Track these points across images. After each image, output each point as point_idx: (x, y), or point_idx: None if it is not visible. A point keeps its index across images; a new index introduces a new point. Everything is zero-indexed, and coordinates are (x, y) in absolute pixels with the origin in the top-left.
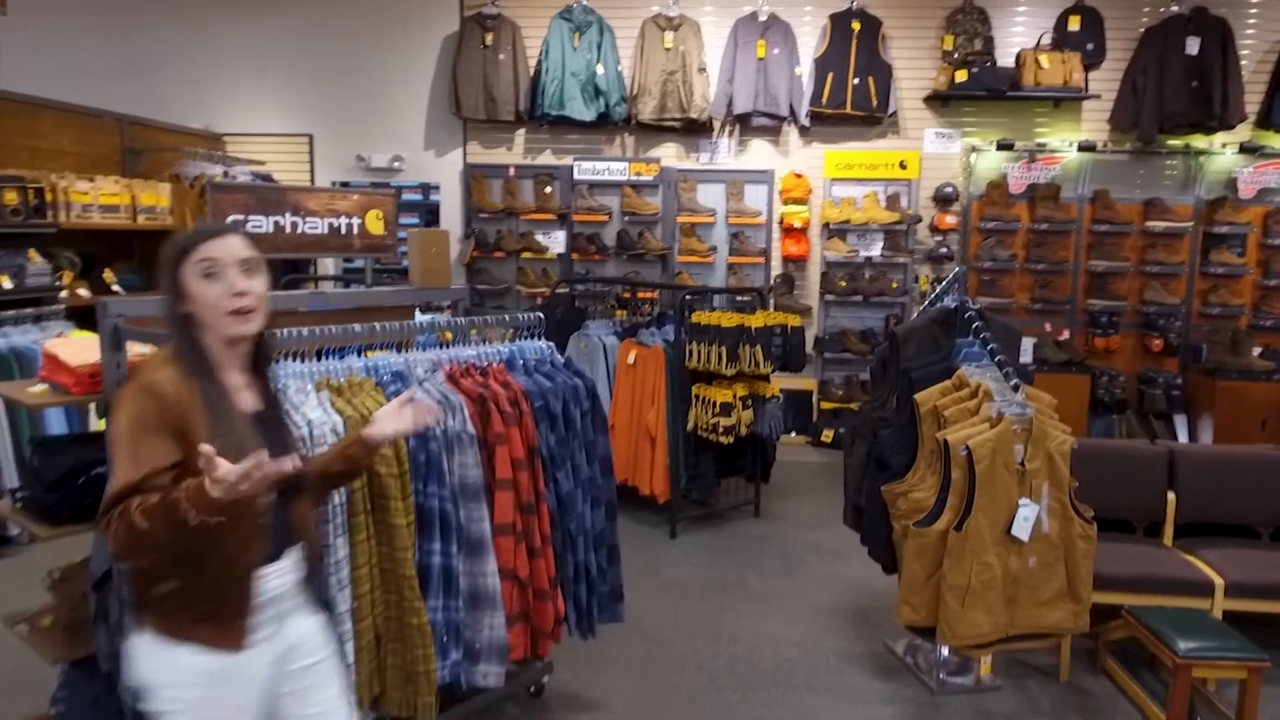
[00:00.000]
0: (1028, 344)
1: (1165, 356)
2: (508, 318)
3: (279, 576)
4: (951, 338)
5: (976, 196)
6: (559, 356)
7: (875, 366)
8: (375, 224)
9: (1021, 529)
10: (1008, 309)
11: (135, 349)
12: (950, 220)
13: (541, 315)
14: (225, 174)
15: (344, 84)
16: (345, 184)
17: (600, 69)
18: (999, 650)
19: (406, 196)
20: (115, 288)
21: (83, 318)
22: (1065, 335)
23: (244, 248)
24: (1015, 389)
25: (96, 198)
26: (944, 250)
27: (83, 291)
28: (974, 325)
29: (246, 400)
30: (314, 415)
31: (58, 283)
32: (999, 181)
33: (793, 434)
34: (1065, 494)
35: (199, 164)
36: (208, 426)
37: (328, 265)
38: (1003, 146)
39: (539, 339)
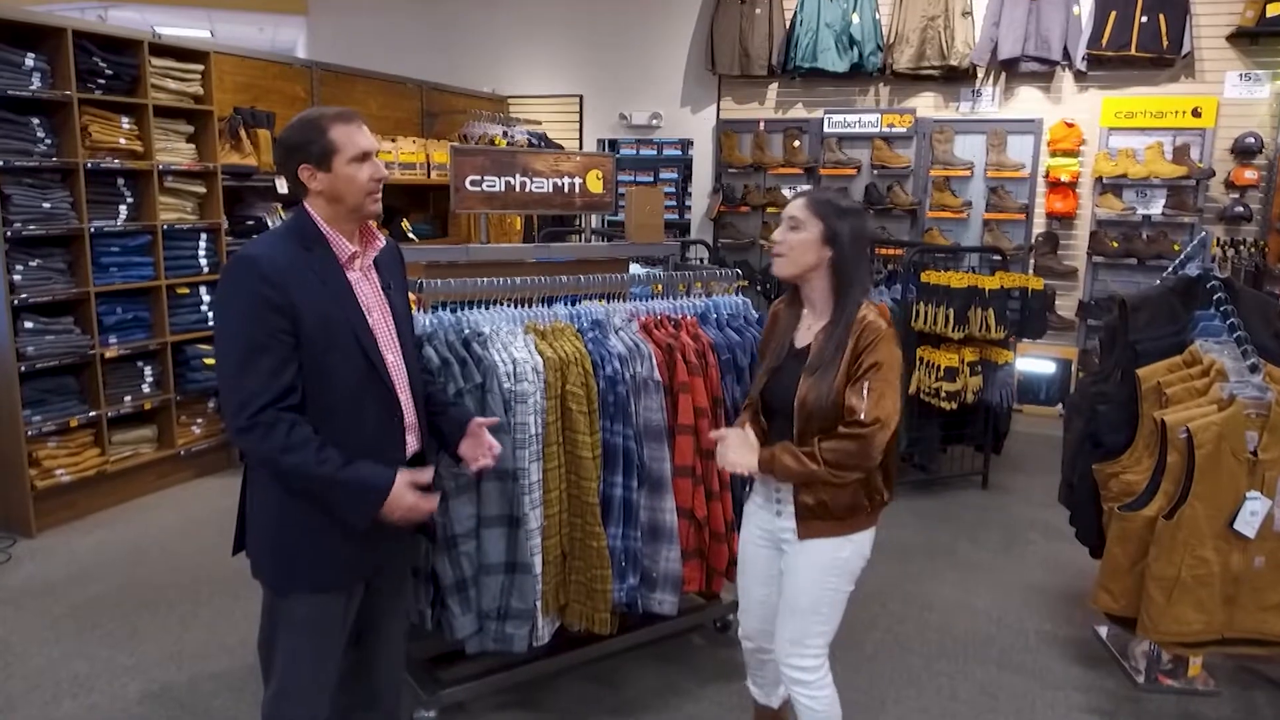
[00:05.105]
0: None
1: None
2: (705, 272)
3: None
4: (1191, 309)
5: None
6: (754, 313)
7: (1104, 337)
8: (595, 183)
9: (1247, 524)
10: None
11: None
12: (1250, 175)
13: (739, 270)
14: (505, 134)
15: (610, 45)
16: (613, 142)
17: (856, 18)
18: (1215, 653)
19: (668, 152)
20: (411, 235)
21: None
22: None
23: None
24: (1254, 369)
25: (397, 156)
26: (1240, 209)
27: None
28: (1216, 296)
29: None
30: (519, 355)
31: None
32: None
33: (1058, 406)
34: None
35: (483, 125)
36: None
37: (591, 220)
38: None
39: (738, 294)
